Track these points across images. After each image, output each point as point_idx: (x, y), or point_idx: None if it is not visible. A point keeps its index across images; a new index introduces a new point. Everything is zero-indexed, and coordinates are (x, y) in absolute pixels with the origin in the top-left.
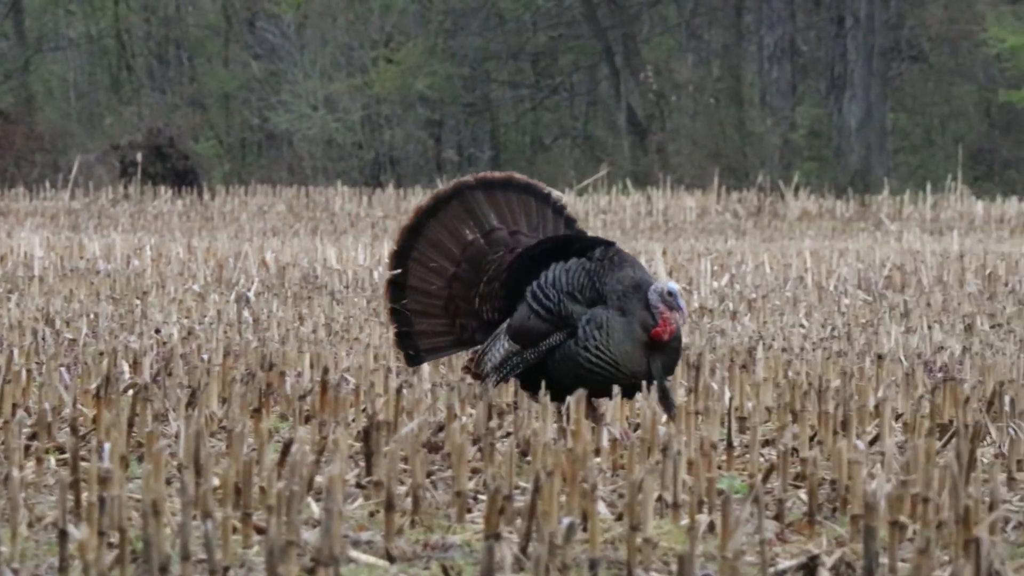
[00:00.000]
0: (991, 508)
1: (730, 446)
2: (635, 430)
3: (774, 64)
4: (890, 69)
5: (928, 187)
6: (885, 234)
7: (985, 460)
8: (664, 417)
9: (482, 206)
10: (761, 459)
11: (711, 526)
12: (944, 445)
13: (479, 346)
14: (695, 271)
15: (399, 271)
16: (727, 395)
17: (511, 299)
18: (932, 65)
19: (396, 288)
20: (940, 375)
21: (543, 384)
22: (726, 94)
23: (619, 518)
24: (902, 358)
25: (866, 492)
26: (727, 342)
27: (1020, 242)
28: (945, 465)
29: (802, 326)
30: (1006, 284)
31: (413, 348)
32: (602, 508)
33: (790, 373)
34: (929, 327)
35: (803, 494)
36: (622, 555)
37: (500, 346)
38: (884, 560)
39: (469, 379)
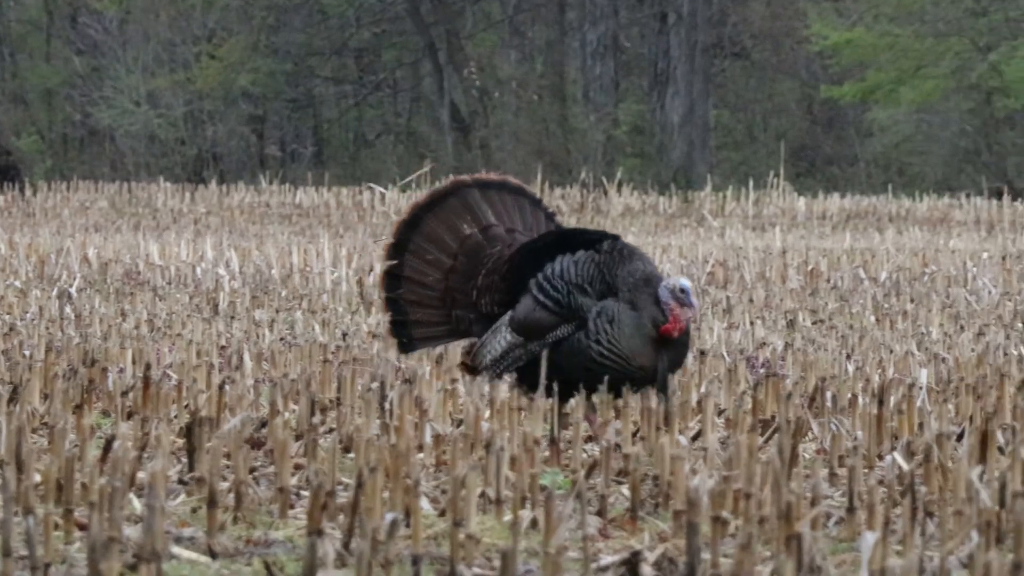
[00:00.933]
0: (813, 503)
1: (553, 442)
2: (458, 426)
3: (597, 60)
4: (713, 66)
5: (750, 183)
6: (708, 230)
7: (807, 456)
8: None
9: (479, 203)
10: (584, 455)
11: (534, 522)
12: (766, 441)
13: (475, 338)
14: None
15: (395, 262)
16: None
17: (512, 292)
18: (755, 62)
19: (392, 278)
20: (762, 371)
21: (545, 378)
22: (549, 90)
23: (442, 514)
24: (724, 354)
25: (688, 488)
26: None
27: (842, 238)
28: (767, 461)
29: None
30: (828, 280)
31: (406, 336)
32: (425, 504)
33: None
34: (751, 323)
35: (626, 490)
36: (445, 551)
37: (501, 338)
38: (706, 555)
39: (467, 376)
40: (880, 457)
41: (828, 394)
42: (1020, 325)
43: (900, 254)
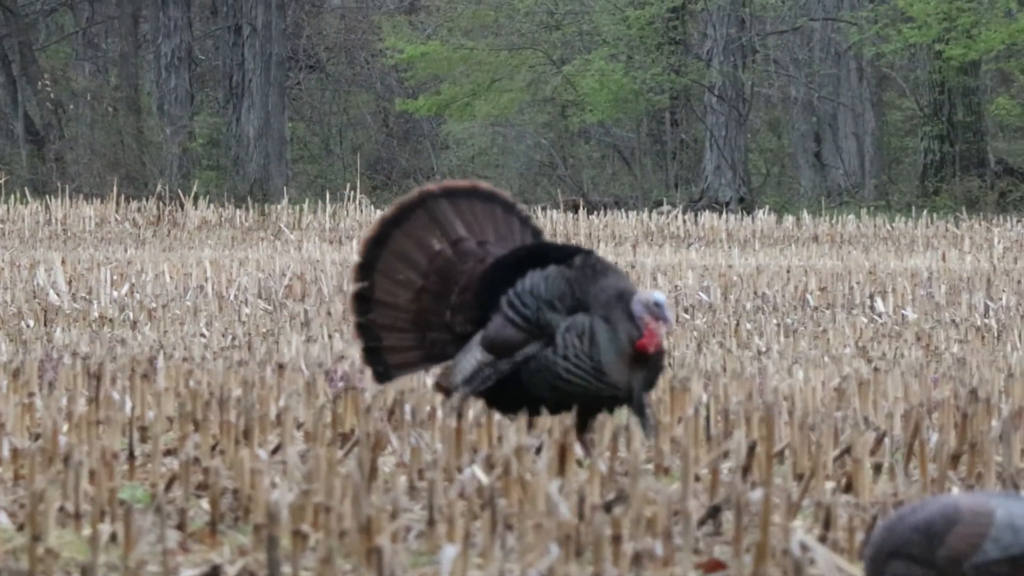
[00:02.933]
0: (393, 517)
1: (132, 456)
2: (36, 440)
3: (172, 73)
4: (288, 78)
5: (327, 196)
6: (285, 243)
7: (387, 469)
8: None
9: (448, 215)
10: (163, 468)
11: (114, 536)
12: (346, 454)
13: (450, 360)
14: (94, 280)
15: (364, 284)
16: (128, 405)
17: (485, 310)
18: (330, 75)
19: (362, 302)
20: (341, 384)
21: (515, 397)
22: (124, 103)
23: (20, 528)
24: (303, 367)
25: (268, 501)
26: (128, 352)
27: None
28: (347, 474)
29: (203, 335)
30: None
31: (382, 364)
32: (3, 518)
33: (191, 382)
34: (330, 336)
35: (205, 503)
36: (24, 566)
37: (472, 357)
38: (287, 569)
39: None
40: (460, 470)
41: (407, 407)
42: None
43: None
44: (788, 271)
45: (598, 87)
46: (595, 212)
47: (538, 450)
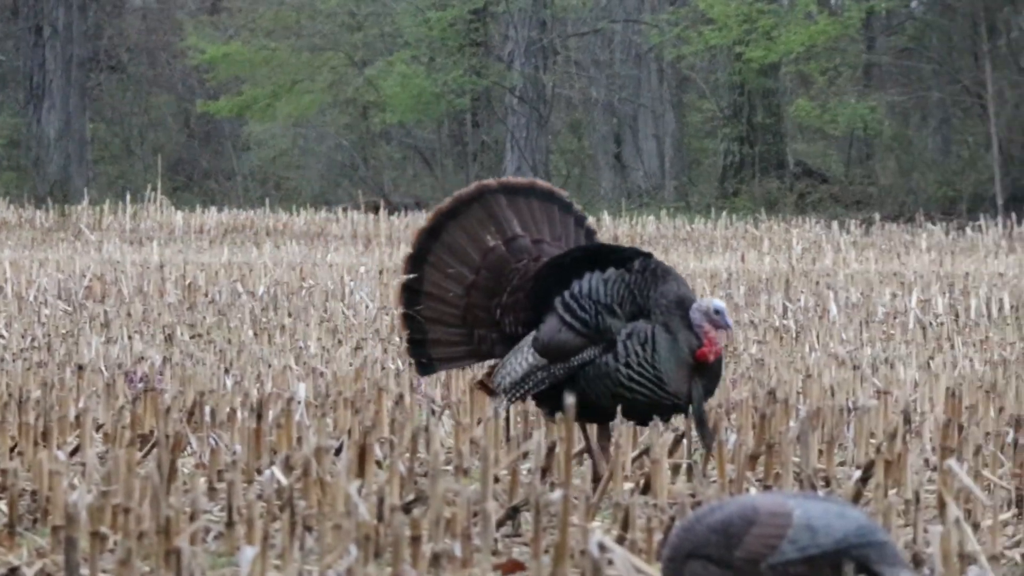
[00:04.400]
0: (192, 518)
1: None
2: None
3: None
4: (89, 79)
5: (128, 197)
6: (85, 244)
7: (186, 470)
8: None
9: (504, 211)
10: None
11: None
12: (145, 455)
13: (496, 359)
14: None
15: (414, 275)
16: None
17: (537, 310)
18: (131, 75)
19: (410, 293)
20: (141, 385)
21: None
22: None
23: None
24: (103, 368)
25: (67, 503)
26: None
27: (219, 252)
28: (146, 475)
29: (2, 336)
30: (206, 294)
31: (425, 356)
32: None
33: None
34: (130, 337)
35: (3, 505)
36: None
37: (523, 359)
38: (85, 571)
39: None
40: (259, 471)
41: (207, 408)
42: (398, 339)
43: (278, 268)
44: None
45: (399, 89)
46: (396, 213)
47: (337, 451)
